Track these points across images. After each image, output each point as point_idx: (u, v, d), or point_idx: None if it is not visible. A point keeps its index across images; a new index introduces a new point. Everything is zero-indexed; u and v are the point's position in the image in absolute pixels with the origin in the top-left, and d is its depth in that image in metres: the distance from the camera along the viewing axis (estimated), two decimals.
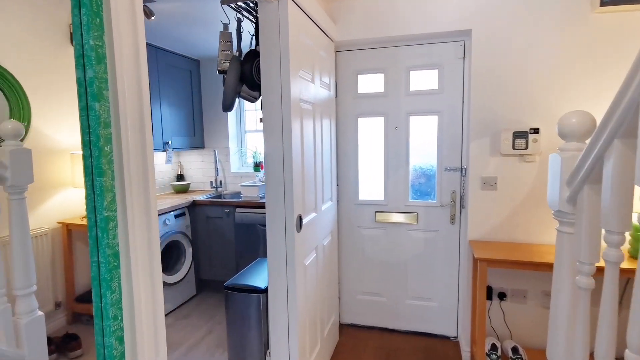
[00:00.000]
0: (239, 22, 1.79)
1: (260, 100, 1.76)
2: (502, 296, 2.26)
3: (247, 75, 1.70)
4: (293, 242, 1.68)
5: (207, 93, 3.86)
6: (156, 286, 0.84)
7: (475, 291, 2.22)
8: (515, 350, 2.11)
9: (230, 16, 2.32)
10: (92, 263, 0.69)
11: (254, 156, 3.84)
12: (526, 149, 2.10)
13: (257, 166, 3.70)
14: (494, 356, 2.06)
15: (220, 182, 3.86)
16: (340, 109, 2.55)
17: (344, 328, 2.73)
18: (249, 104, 3.97)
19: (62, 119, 2.58)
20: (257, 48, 1.74)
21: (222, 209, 3.25)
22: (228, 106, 1.68)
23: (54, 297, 2.54)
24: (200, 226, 3.35)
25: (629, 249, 1.86)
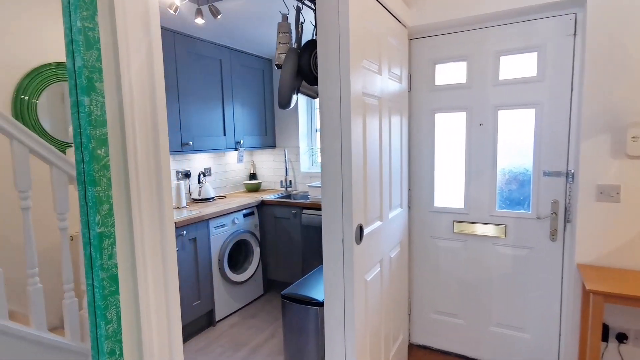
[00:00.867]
0: (298, 11, 1.65)
1: None
2: (622, 338, 1.77)
3: (304, 69, 1.55)
4: (352, 256, 1.48)
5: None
6: (173, 317, 0.73)
7: (585, 329, 1.76)
8: None
9: (290, 5, 2.20)
10: (87, 286, 0.60)
11: None
12: None
13: None
14: None
15: (290, 181, 3.82)
16: (413, 103, 2.27)
17: (415, 349, 2.44)
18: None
19: None
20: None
21: (289, 209, 3.19)
22: (284, 103, 1.55)
23: None
24: (269, 226, 3.33)
25: None
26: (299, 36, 1.68)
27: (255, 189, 3.84)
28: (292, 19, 2.40)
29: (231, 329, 2.83)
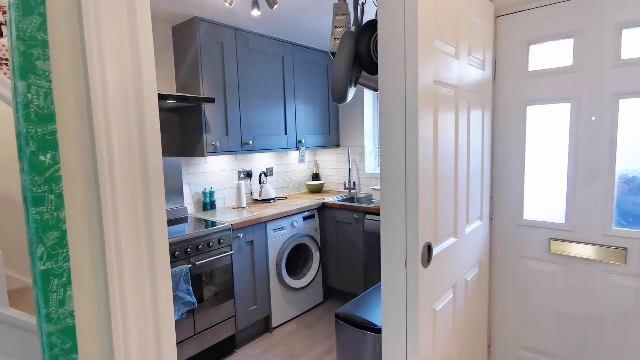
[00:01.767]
0: None
1: None
2: None
3: (363, 55, 1.31)
4: (417, 281, 1.21)
5: None
6: None
7: None
8: None
9: None
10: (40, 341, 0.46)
11: None
12: None
13: None
14: None
15: (354, 183, 3.59)
16: (499, 94, 1.88)
17: None
18: None
19: None
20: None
21: (351, 213, 2.96)
22: (339, 97, 1.33)
23: None
24: (329, 230, 3.15)
25: None
26: (358, 19, 1.44)
27: (318, 190, 3.68)
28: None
29: (287, 337, 2.70)
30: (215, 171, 2.98)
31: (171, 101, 2.18)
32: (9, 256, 2.33)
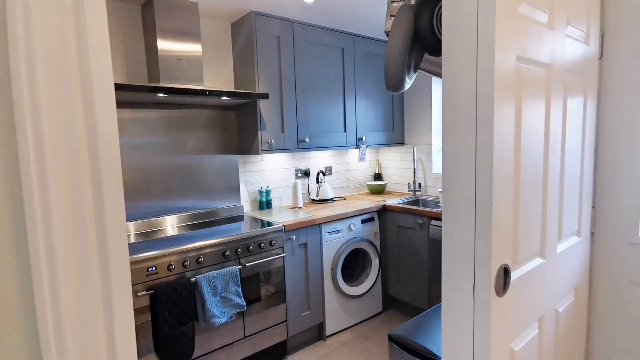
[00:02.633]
0: None
1: None
2: None
3: (425, 32, 1.08)
4: (487, 313, 0.95)
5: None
6: None
7: None
8: None
9: None
10: None
11: None
12: None
13: None
14: None
15: (419, 184, 3.28)
16: (608, 76, 1.48)
17: None
18: None
19: None
20: None
21: (414, 218, 2.68)
22: (394, 84, 1.12)
23: None
24: (390, 235, 2.90)
25: None
26: None
27: (380, 191, 3.44)
28: None
29: (342, 347, 2.53)
30: (272, 169, 2.92)
31: (225, 98, 2.14)
32: None
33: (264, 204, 2.82)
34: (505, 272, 0.98)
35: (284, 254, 2.29)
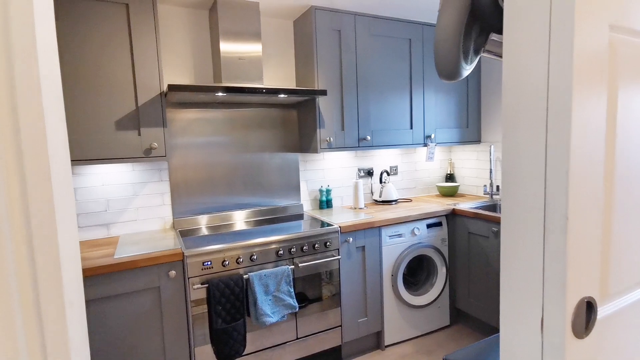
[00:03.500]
0: None
1: None
2: None
3: (485, 6, 0.89)
4: None
5: (489, 72, 2.98)
6: None
7: None
8: None
9: None
10: None
11: None
12: None
13: None
14: None
15: (497, 187, 2.92)
16: None
17: None
18: None
19: None
20: None
21: (488, 225, 2.38)
22: (446, 70, 0.95)
23: None
24: (460, 243, 2.63)
25: None
26: None
27: (451, 193, 3.15)
28: None
29: None
30: (333, 168, 2.85)
31: (282, 95, 2.12)
32: None
33: (324, 203, 2.76)
34: (589, 306, 0.76)
35: (339, 257, 2.21)
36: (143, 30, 1.90)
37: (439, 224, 2.60)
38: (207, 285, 1.82)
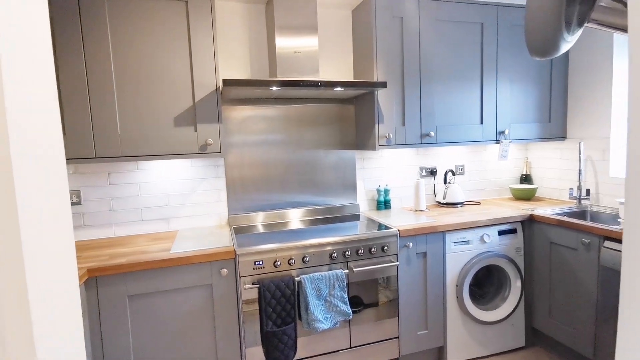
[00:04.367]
0: None
1: None
2: None
3: None
4: None
5: (578, 58, 2.58)
6: None
7: None
8: None
9: None
10: None
11: None
12: None
13: None
14: None
15: (588, 191, 2.51)
16: None
17: None
18: None
19: None
20: None
21: (577, 234, 2.04)
22: (540, 44, 0.76)
23: None
24: (539, 253, 2.29)
25: None
26: None
27: (527, 196, 2.79)
28: None
29: None
30: (392, 166, 2.67)
31: (338, 89, 2.01)
32: None
33: (382, 204, 2.59)
34: None
35: (398, 263, 2.03)
36: (201, 27, 1.90)
37: (513, 230, 2.30)
38: (258, 285, 1.76)
